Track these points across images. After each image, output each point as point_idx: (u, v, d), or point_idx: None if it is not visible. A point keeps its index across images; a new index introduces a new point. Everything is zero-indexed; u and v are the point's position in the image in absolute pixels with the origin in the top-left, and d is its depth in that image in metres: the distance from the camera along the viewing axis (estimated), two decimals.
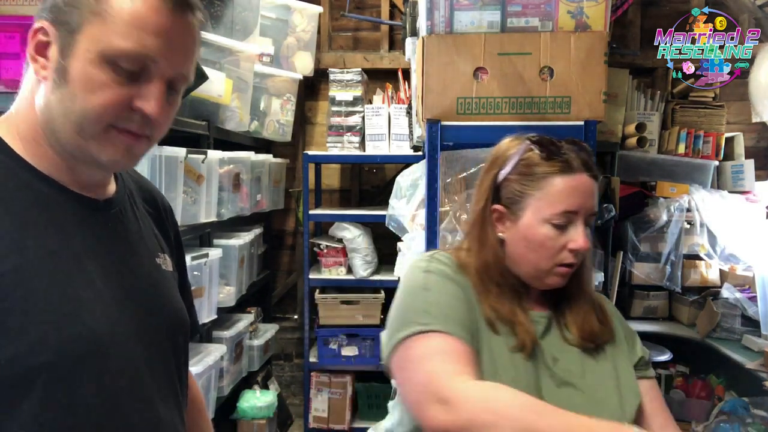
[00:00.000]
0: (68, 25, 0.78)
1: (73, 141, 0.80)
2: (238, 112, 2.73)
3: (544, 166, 1.08)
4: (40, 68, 0.79)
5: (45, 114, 0.80)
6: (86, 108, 0.78)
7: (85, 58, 0.77)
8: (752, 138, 3.40)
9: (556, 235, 1.07)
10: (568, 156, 1.08)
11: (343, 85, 3.22)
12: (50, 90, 0.79)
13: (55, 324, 0.75)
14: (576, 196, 1.06)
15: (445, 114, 1.74)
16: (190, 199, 2.29)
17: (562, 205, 1.06)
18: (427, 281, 1.07)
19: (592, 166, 1.09)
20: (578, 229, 1.07)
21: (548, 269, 1.09)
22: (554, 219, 1.06)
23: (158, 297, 0.92)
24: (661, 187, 3.05)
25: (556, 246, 1.07)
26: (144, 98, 0.80)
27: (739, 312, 2.73)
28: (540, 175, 1.08)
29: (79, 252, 0.81)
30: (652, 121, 3.09)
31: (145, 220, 0.98)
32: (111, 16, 0.77)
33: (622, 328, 1.19)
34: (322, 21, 3.42)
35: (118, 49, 0.77)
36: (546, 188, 1.07)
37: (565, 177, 1.07)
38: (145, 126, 0.82)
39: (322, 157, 3.33)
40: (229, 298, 2.72)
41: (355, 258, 3.15)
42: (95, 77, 0.77)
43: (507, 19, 1.75)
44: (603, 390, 1.08)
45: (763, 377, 2.36)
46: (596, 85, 1.71)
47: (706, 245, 2.95)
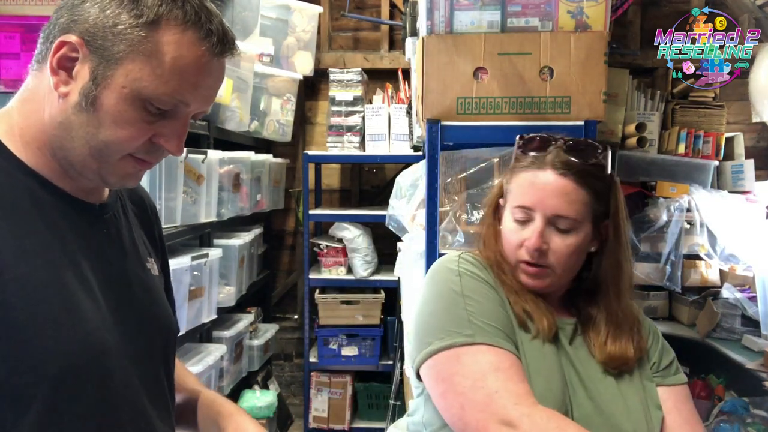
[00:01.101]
0: (106, 52, 0.76)
1: (85, 162, 0.80)
2: (238, 112, 2.73)
3: (518, 160, 1.09)
4: (61, 83, 0.77)
5: (60, 130, 0.79)
6: (110, 140, 0.77)
7: (120, 93, 0.76)
8: (752, 138, 3.40)
9: (516, 229, 1.07)
10: (548, 153, 1.05)
11: (343, 85, 3.22)
12: (73, 110, 0.77)
13: (58, 336, 0.74)
14: (531, 192, 1.05)
15: (445, 114, 1.74)
16: (190, 199, 2.29)
17: (519, 199, 1.06)
18: (463, 285, 1.05)
19: (572, 165, 1.04)
20: (534, 227, 1.04)
21: (514, 264, 1.08)
22: (514, 213, 1.07)
23: (151, 304, 0.92)
24: (661, 187, 3.05)
25: (515, 241, 1.07)
26: (167, 138, 0.80)
27: (739, 312, 2.73)
28: (514, 169, 1.10)
29: (78, 260, 0.80)
30: (652, 121, 3.08)
31: (135, 223, 0.97)
32: (155, 59, 0.76)
33: (656, 341, 1.16)
34: (322, 21, 3.42)
35: (155, 92, 0.76)
36: (514, 182, 1.09)
37: (529, 172, 1.06)
38: (160, 156, 0.83)
39: (322, 157, 3.33)
40: (229, 298, 2.72)
41: (355, 258, 3.15)
42: (126, 113, 0.77)
43: (507, 19, 1.75)
44: (628, 403, 1.04)
45: (763, 377, 2.36)
46: (596, 85, 1.72)
47: (706, 245, 2.95)
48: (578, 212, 1.04)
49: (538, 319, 1.04)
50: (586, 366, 1.06)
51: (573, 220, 1.04)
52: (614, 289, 1.09)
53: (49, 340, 0.73)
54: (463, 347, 0.98)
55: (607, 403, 1.03)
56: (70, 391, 0.75)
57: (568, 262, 1.06)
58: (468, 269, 1.08)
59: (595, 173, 1.05)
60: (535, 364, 1.01)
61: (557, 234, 1.04)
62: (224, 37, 0.80)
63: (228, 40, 0.81)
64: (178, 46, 0.76)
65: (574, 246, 1.05)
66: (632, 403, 1.04)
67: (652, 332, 1.18)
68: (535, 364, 1.01)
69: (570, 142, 1.07)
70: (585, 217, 1.05)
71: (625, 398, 1.04)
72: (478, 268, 1.09)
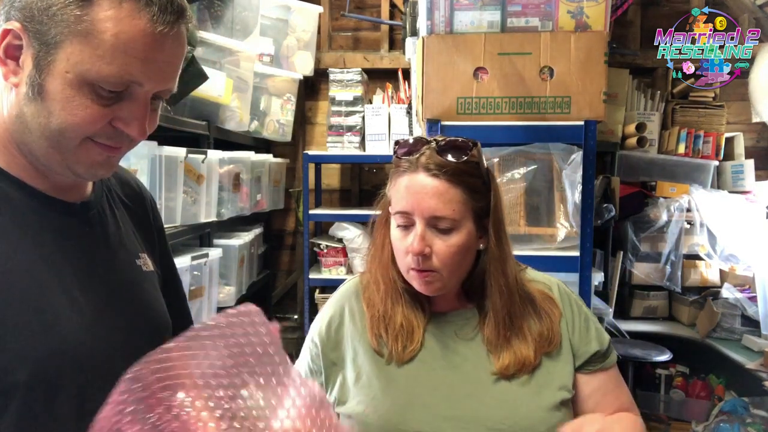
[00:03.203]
0: (44, 37, 0.71)
1: (48, 154, 0.76)
2: (238, 112, 2.73)
3: (394, 166, 1.08)
4: (11, 73, 0.74)
5: (18, 123, 0.76)
6: (63, 126, 0.73)
7: (64, 79, 0.71)
8: (752, 138, 3.40)
9: (401, 236, 1.04)
10: (420, 156, 1.04)
11: (343, 85, 3.22)
12: (23, 101, 0.74)
13: (32, 339, 0.72)
14: (407, 197, 1.02)
15: (445, 114, 1.74)
16: (190, 199, 2.29)
17: (398, 205, 1.04)
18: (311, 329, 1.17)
19: (442, 165, 1.02)
20: (414, 231, 1.02)
21: (406, 272, 1.06)
22: (396, 220, 1.05)
23: (138, 302, 0.89)
24: (661, 187, 3.06)
25: (401, 249, 1.04)
26: (126, 121, 0.75)
27: (739, 312, 2.73)
28: (392, 176, 1.08)
29: (55, 261, 0.78)
30: (652, 121, 3.09)
31: (125, 218, 0.94)
32: (94, 38, 0.70)
33: (573, 316, 1.11)
34: (322, 21, 3.41)
35: (100, 74, 0.71)
36: (392, 188, 1.07)
37: (405, 176, 1.04)
38: (124, 140, 0.78)
39: (322, 157, 3.33)
40: (229, 298, 2.72)
41: (356, 258, 3.15)
42: (74, 99, 0.72)
43: (507, 19, 1.75)
44: (512, 393, 1.04)
45: (763, 377, 2.36)
46: (596, 85, 1.72)
47: (706, 245, 2.95)
48: (455, 211, 1.02)
49: (393, 342, 1.06)
50: (475, 364, 1.06)
51: (451, 219, 1.02)
52: (498, 288, 1.07)
53: (19, 344, 0.71)
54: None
55: (488, 406, 1.02)
56: (45, 396, 0.73)
57: (453, 264, 1.04)
58: (334, 300, 1.17)
59: (468, 171, 1.04)
60: (382, 387, 1.04)
61: (438, 236, 1.02)
62: (168, 6, 0.73)
63: (174, 8, 0.74)
64: (117, 22, 0.70)
65: (456, 246, 1.03)
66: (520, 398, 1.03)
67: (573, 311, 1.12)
68: (382, 388, 1.04)
69: (441, 141, 1.05)
70: (464, 215, 1.03)
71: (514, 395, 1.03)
72: (347, 297, 1.16)
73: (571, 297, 1.14)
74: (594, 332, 1.11)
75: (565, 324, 1.10)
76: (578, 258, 1.81)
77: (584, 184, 1.82)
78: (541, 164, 1.93)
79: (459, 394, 1.04)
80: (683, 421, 2.82)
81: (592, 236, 1.82)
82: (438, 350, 1.08)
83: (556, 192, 1.94)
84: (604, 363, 1.10)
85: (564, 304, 1.12)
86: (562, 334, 1.09)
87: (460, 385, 1.05)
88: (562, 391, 1.05)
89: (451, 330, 1.10)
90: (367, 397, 1.05)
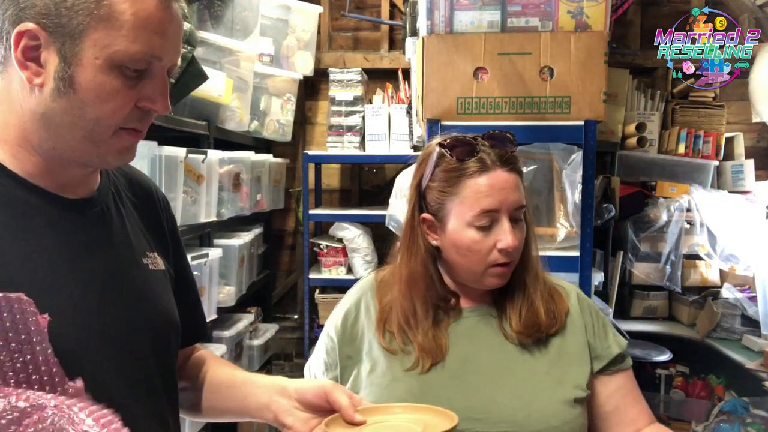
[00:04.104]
0: (66, 29, 0.74)
1: (80, 147, 0.78)
2: (238, 112, 2.73)
3: (458, 169, 1.07)
4: (33, 75, 0.75)
5: (43, 123, 0.77)
6: (99, 116, 0.76)
7: (94, 66, 0.74)
8: (752, 138, 3.40)
9: (482, 237, 1.05)
10: (481, 154, 1.06)
11: (343, 85, 3.22)
12: (52, 98, 0.75)
13: None
14: (493, 194, 1.05)
15: (445, 114, 1.74)
16: (190, 199, 2.29)
17: (480, 205, 1.05)
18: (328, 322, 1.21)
19: (510, 159, 1.07)
20: (503, 227, 1.05)
21: (482, 272, 1.08)
22: (476, 221, 1.05)
23: (140, 300, 0.89)
24: (661, 187, 3.06)
25: (484, 248, 1.06)
26: (152, 98, 0.79)
27: (739, 312, 2.73)
28: (455, 179, 1.07)
29: (52, 258, 0.79)
30: (652, 121, 3.09)
31: (132, 217, 0.94)
32: (116, 20, 0.74)
33: (592, 321, 1.14)
34: (322, 21, 3.41)
35: (128, 53, 0.75)
36: (463, 192, 1.06)
37: (479, 177, 1.05)
38: (148, 121, 0.82)
39: (322, 157, 3.33)
40: (229, 298, 2.72)
41: (355, 258, 3.15)
42: (107, 85, 0.75)
43: (507, 19, 1.75)
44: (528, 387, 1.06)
45: (763, 377, 2.36)
46: (596, 85, 1.72)
47: (706, 245, 2.95)
48: (524, 197, 1.09)
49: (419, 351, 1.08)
50: (488, 350, 1.09)
51: (524, 207, 1.09)
52: (526, 256, 1.12)
53: None
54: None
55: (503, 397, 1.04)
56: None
57: (522, 250, 1.10)
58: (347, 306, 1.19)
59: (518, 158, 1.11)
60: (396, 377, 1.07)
61: (516, 226, 1.07)
62: None
63: None
64: (133, 1, 0.74)
65: (525, 233, 1.09)
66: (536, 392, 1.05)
67: (584, 308, 1.16)
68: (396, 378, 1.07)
69: (487, 136, 1.09)
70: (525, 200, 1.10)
71: (530, 389, 1.06)
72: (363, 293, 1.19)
73: (589, 303, 1.19)
74: (612, 336, 1.15)
75: (583, 327, 1.13)
76: (578, 258, 1.81)
77: (584, 184, 1.82)
78: (541, 164, 1.93)
79: (473, 385, 1.06)
80: (683, 421, 2.82)
81: (592, 236, 1.82)
82: (455, 343, 1.10)
83: (556, 192, 1.94)
84: (622, 364, 1.14)
85: (583, 309, 1.15)
86: (580, 340, 1.12)
87: (474, 375, 1.06)
88: (577, 390, 1.07)
89: (470, 324, 1.12)
90: (380, 387, 1.07)
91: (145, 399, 0.86)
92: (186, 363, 1.09)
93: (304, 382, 0.97)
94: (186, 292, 1.05)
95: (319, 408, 0.92)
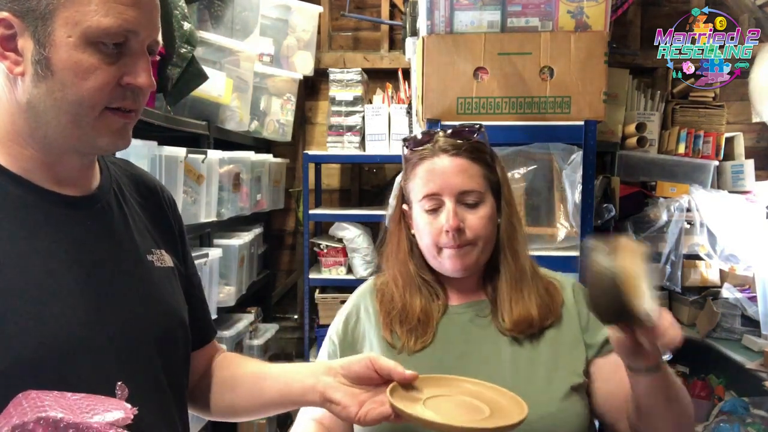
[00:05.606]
0: (37, 12, 0.73)
1: (68, 132, 0.78)
2: (238, 112, 2.73)
3: (409, 159, 1.17)
4: (13, 64, 0.75)
5: (30, 111, 0.77)
6: (80, 95, 0.75)
7: (68, 44, 0.74)
8: (752, 138, 3.39)
9: (431, 219, 1.12)
10: (435, 141, 1.13)
11: (343, 85, 3.22)
12: (32, 84, 0.75)
13: (19, 330, 0.73)
14: (434, 179, 1.11)
15: (445, 114, 1.74)
16: (190, 199, 2.29)
17: (424, 189, 1.12)
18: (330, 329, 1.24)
19: (459, 145, 1.12)
20: (446, 210, 1.10)
21: (437, 254, 1.13)
22: (424, 205, 1.13)
23: (144, 296, 0.88)
24: (661, 187, 3.05)
25: (434, 230, 1.11)
26: (133, 73, 0.78)
27: (739, 312, 2.73)
28: (410, 168, 1.16)
29: (51, 252, 0.78)
30: (652, 121, 3.08)
31: (136, 215, 0.93)
32: None
33: (586, 309, 1.14)
34: (322, 21, 3.41)
35: (100, 28, 0.74)
36: (414, 179, 1.15)
37: (425, 162, 1.13)
38: (136, 99, 0.81)
39: (322, 157, 3.33)
40: (229, 298, 2.72)
41: (355, 258, 3.15)
42: (84, 62, 0.74)
43: (507, 19, 1.75)
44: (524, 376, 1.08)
45: (763, 377, 2.36)
46: (596, 85, 1.72)
47: (706, 245, 2.95)
48: (479, 184, 1.12)
49: (407, 336, 1.12)
50: (486, 353, 1.11)
51: (478, 192, 1.12)
52: (510, 251, 1.15)
53: (4, 334, 0.72)
54: None
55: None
56: (25, 386, 0.72)
57: (485, 233, 1.12)
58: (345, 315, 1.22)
59: (480, 148, 1.15)
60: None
61: (468, 211, 1.11)
62: None
63: None
64: None
65: (486, 217, 1.12)
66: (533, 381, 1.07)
67: (578, 299, 1.18)
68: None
69: (449, 130, 1.16)
70: (486, 188, 1.14)
71: (527, 377, 1.08)
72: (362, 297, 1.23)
73: (581, 293, 1.20)
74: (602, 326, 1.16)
75: (577, 316, 1.16)
76: (578, 258, 1.81)
77: (584, 184, 1.82)
78: (541, 164, 1.93)
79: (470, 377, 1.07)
80: None
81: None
82: (450, 341, 1.13)
83: (556, 192, 1.94)
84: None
85: (577, 298, 1.18)
86: (575, 328, 1.14)
87: (470, 370, 1.07)
88: (574, 376, 1.10)
89: (464, 320, 1.15)
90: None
91: (149, 397, 0.86)
92: (210, 364, 1.08)
93: (347, 358, 0.97)
94: (191, 290, 1.04)
95: (367, 380, 0.93)
